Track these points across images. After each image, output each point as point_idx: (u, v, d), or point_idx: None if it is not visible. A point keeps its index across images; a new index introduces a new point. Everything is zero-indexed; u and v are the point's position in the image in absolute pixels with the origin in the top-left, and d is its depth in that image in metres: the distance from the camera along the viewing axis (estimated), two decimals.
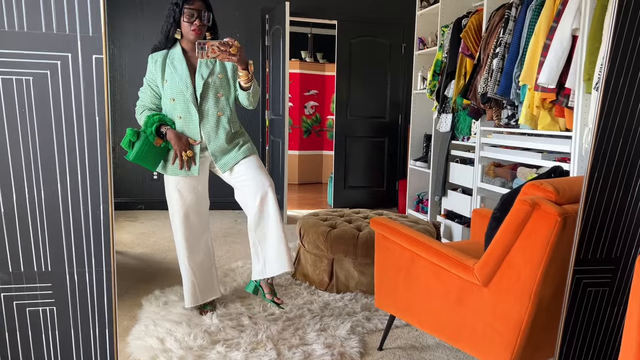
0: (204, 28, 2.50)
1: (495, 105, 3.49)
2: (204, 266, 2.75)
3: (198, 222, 2.69)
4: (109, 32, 5.19)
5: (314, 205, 6.09)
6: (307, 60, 7.80)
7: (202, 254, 2.74)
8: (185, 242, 2.67)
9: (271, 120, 5.44)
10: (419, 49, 4.85)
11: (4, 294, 1.38)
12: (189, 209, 2.64)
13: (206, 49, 2.28)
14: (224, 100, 2.58)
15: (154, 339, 2.40)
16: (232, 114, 2.62)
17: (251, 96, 2.53)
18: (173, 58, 2.53)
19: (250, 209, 2.55)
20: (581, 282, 1.70)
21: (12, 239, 1.33)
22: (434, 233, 3.30)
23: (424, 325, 2.13)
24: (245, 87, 2.50)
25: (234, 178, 2.61)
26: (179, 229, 2.66)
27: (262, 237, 2.55)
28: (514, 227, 1.73)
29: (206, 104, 2.54)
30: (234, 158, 2.58)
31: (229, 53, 2.30)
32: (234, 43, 2.31)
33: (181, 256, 2.70)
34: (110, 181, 1.30)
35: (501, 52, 3.34)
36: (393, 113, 5.90)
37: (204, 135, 2.55)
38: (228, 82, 2.59)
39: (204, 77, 2.52)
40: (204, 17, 2.48)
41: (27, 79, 1.21)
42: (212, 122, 2.55)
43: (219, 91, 2.56)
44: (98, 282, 1.43)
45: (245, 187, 2.57)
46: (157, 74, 2.55)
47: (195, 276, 2.71)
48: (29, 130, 1.24)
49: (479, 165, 3.73)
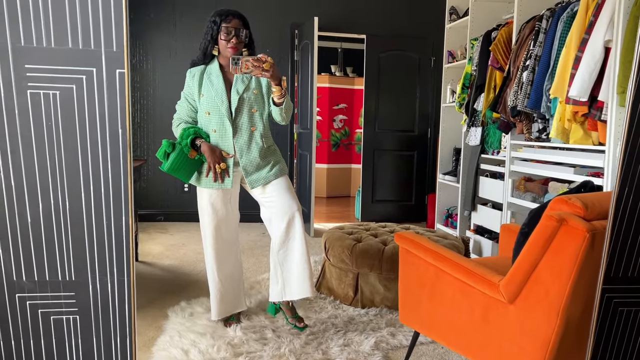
0: (240, 45, 2.55)
1: (526, 119, 3.42)
2: (232, 279, 2.78)
3: (228, 235, 2.72)
4: (143, 48, 5.34)
5: (341, 219, 6.07)
6: (336, 75, 7.84)
7: (231, 267, 2.77)
8: (215, 254, 2.69)
9: (299, 134, 5.47)
10: (448, 62, 4.82)
11: (30, 302, 1.42)
12: (221, 222, 2.67)
13: (240, 64, 2.33)
14: (258, 116, 2.62)
15: (178, 350, 2.42)
16: (265, 130, 2.66)
17: (283, 112, 2.56)
18: (210, 73, 2.59)
19: (276, 231, 2.61)
20: (612, 301, 1.64)
21: (37, 247, 1.37)
22: (462, 248, 3.24)
23: (448, 342, 2.08)
24: (278, 102, 2.53)
25: (263, 196, 2.65)
26: (209, 241, 2.69)
27: (284, 259, 2.61)
28: (541, 243, 1.68)
29: (240, 119, 2.58)
30: (265, 178, 2.61)
31: (262, 69, 2.35)
32: (267, 59, 2.35)
33: (210, 268, 2.72)
34: (130, 194, 1.32)
35: (531, 65, 3.28)
36: (422, 126, 5.86)
37: (237, 150, 2.58)
38: (263, 98, 2.63)
39: (240, 92, 2.56)
40: (241, 34, 2.53)
41: (54, 93, 1.25)
42: (245, 137, 2.59)
43: (253, 106, 2.60)
44: (120, 292, 1.45)
45: (272, 208, 2.61)
46: (194, 88, 2.61)
47: (224, 288, 2.73)
48: (55, 143, 1.28)
49: (509, 180, 3.65)
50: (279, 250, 2.62)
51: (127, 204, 1.34)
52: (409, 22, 5.73)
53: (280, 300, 2.68)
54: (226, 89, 2.57)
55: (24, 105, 1.25)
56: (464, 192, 4.34)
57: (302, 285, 2.57)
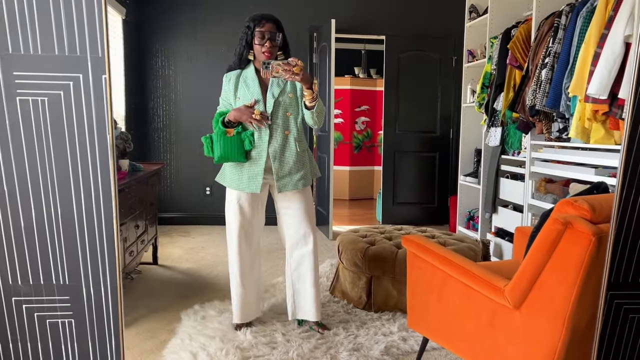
0: (274, 49, 2.56)
1: (545, 118, 3.33)
2: (255, 283, 2.80)
3: (253, 239, 2.75)
4: (165, 54, 5.42)
5: (363, 222, 6.03)
6: (359, 76, 7.80)
7: (254, 271, 2.79)
8: (239, 257, 2.71)
9: (318, 137, 5.46)
10: (468, 61, 4.73)
11: (26, 306, 1.44)
12: (247, 225, 2.70)
13: (270, 69, 2.35)
14: (292, 120, 2.63)
15: (188, 353, 2.43)
16: (299, 134, 2.67)
17: (315, 115, 2.56)
18: (246, 77, 2.62)
19: (292, 254, 2.74)
20: (622, 307, 1.57)
21: (32, 252, 1.39)
22: (479, 252, 3.17)
23: (455, 348, 2.03)
24: (309, 106, 2.53)
25: (284, 203, 2.70)
26: (234, 243, 2.71)
27: (297, 280, 2.75)
28: (546, 248, 1.62)
29: (275, 122, 2.59)
30: (294, 185, 2.63)
31: (292, 72, 2.36)
32: (297, 63, 2.37)
33: (234, 272, 2.74)
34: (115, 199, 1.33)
35: (550, 63, 3.19)
36: (444, 127, 5.76)
37: (270, 153, 2.59)
38: (297, 102, 2.64)
39: (275, 96, 2.58)
40: (275, 38, 2.54)
41: (43, 99, 1.27)
42: (279, 140, 2.60)
43: (288, 110, 2.61)
44: (113, 297, 1.46)
45: (289, 221, 2.71)
46: (230, 92, 2.65)
47: (246, 292, 2.75)
48: (45, 149, 1.30)
49: (529, 181, 3.55)
50: (293, 272, 2.75)
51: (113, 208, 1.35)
52: (428, 22, 5.65)
53: (292, 318, 2.81)
54: (262, 93, 2.59)
55: (14, 112, 1.27)
56: (484, 194, 4.24)
57: (313, 308, 2.73)
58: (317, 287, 2.72)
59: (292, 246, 2.73)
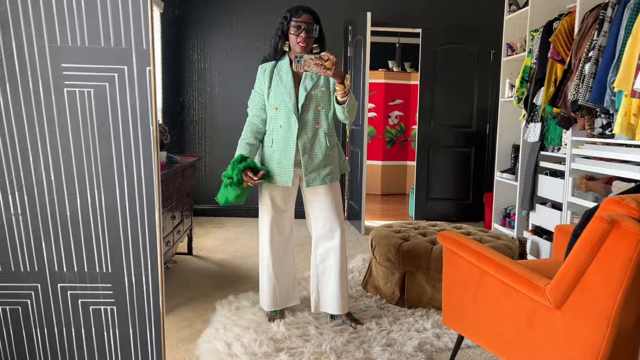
0: (310, 41, 2.56)
1: (588, 114, 3.22)
2: (287, 273, 2.82)
3: (284, 230, 2.77)
4: (200, 48, 5.48)
5: (395, 217, 5.99)
6: (393, 70, 7.72)
7: (286, 261, 2.81)
8: (271, 247, 2.74)
9: (351, 131, 5.43)
10: (507, 55, 4.62)
11: (70, 292, 1.48)
12: (278, 216, 2.72)
13: (302, 62, 2.34)
14: (324, 114, 2.63)
15: (222, 342, 2.46)
16: (329, 129, 2.67)
17: (346, 110, 2.54)
18: (280, 69, 2.63)
19: (317, 247, 2.75)
20: None
21: (76, 241, 1.43)
22: (516, 250, 3.10)
23: (492, 347, 2.00)
24: (341, 101, 2.51)
25: (311, 196, 2.71)
26: (266, 234, 2.74)
27: (322, 273, 2.76)
28: (590, 247, 1.57)
29: (306, 116, 2.60)
30: (322, 180, 2.64)
31: (324, 67, 2.35)
32: (329, 57, 2.35)
33: (265, 261, 2.77)
34: (158, 189, 1.35)
35: (594, 56, 3.09)
36: (480, 122, 5.66)
37: (300, 146, 2.60)
38: (329, 96, 2.63)
39: (307, 89, 2.58)
40: (311, 30, 2.54)
41: (89, 90, 1.30)
42: (309, 134, 2.61)
43: (319, 104, 2.61)
44: (154, 285, 1.49)
45: (316, 214, 2.71)
46: (264, 84, 2.66)
47: (278, 281, 2.77)
48: (90, 140, 1.33)
49: (569, 178, 3.46)
50: (318, 265, 2.76)
51: (156, 199, 1.37)
52: (466, 15, 5.55)
53: (315, 311, 2.81)
54: (295, 85, 2.59)
55: (62, 103, 1.30)
56: (522, 191, 4.15)
57: (336, 303, 2.72)
58: (342, 281, 2.71)
59: (318, 240, 2.74)
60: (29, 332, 1.51)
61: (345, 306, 2.73)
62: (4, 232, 1.40)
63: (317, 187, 2.66)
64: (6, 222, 1.39)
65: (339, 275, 2.71)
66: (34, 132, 1.32)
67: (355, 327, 2.69)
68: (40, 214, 1.39)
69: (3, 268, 1.43)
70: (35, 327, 1.50)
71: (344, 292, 2.72)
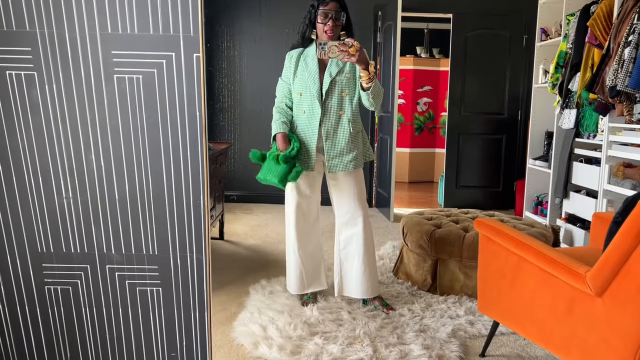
0: (337, 28, 2.57)
1: (627, 100, 3.15)
2: (313, 256, 2.85)
3: (310, 215, 2.80)
4: (230, 35, 5.51)
5: (423, 205, 5.96)
6: (422, 56, 7.64)
7: (311, 245, 2.84)
8: (296, 231, 2.77)
9: (380, 118, 5.41)
10: (541, 40, 4.53)
11: (118, 273, 1.53)
12: (303, 200, 2.75)
13: (326, 49, 2.35)
14: (348, 100, 2.64)
15: (257, 326, 2.51)
16: (354, 115, 2.67)
17: (372, 97, 2.54)
18: (307, 55, 2.66)
19: (340, 233, 2.78)
20: None
21: (124, 223, 1.47)
22: (550, 238, 3.07)
23: (529, 334, 1.99)
24: (365, 87, 2.51)
25: (333, 181, 2.73)
26: (291, 218, 2.77)
27: (346, 258, 2.79)
28: (634, 233, 1.55)
29: (330, 102, 2.62)
30: (345, 167, 2.65)
31: (348, 53, 2.35)
32: (353, 43, 2.36)
33: (291, 244, 2.81)
34: (205, 174, 1.37)
35: (635, 41, 3.00)
36: (512, 109, 5.57)
37: (323, 132, 2.62)
38: (354, 83, 2.64)
39: (332, 75, 2.60)
40: (339, 17, 2.55)
41: (138, 77, 1.33)
42: (333, 120, 2.63)
43: (344, 90, 2.62)
44: (198, 268, 1.53)
45: (339, 201, 2.74)
46: (290, 70, 2.69)
47: (304, 265, 2.81)
48: (139, 125, 1.36)
49: (606, 166, 3.39)
50: (341, 250, 2.79)
51: (203, 184, 1.40)
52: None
53: (338, 294, 2.85)
54: (320, 71, 2.62)
55: (112, 90, 1.33)
56: (555, 179, 4.09)
57: (360, 287, 2.74)
58: (366, 266, 2.72)
59: (341, 225, 2.77)
60: (78, 312, 1.57)
61: (370, 290, 2.74)
62: (56, 215, 1.45)
63: (339, 173, 2.68)
64: (58, 205, 1.44)
65: (362, 260, 2.72)
66: (85, 118, 1.36)
67: (387, 312, 2.71)
68: (90, 197, 1.44)
69: (55, 249, 1.49)
70: (84, 307, 1.56)
71: (369, 276, 2.74)
